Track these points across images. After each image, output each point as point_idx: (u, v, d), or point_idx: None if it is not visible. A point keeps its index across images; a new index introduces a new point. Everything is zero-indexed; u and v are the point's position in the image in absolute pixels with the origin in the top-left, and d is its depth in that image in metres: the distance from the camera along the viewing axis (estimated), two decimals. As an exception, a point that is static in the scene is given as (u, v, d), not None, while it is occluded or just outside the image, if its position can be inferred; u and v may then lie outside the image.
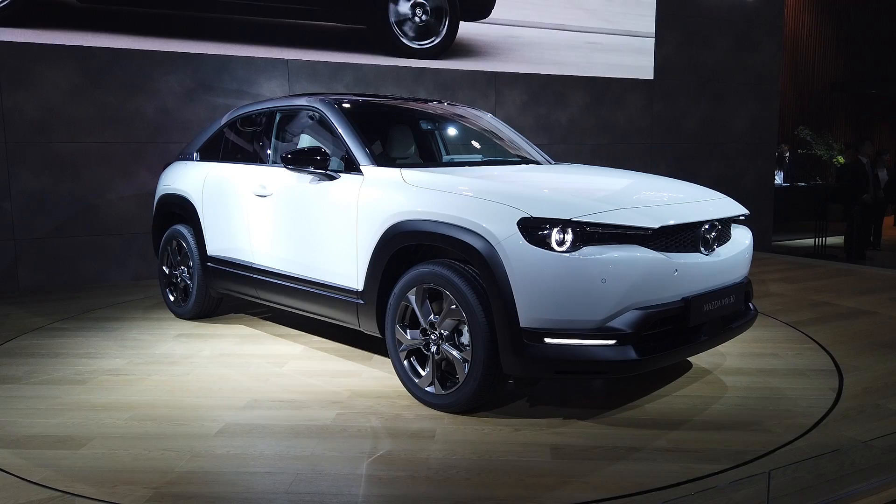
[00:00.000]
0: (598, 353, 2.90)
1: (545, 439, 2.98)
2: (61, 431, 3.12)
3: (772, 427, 3.08)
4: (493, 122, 4.96)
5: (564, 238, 2.90)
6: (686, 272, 3.07)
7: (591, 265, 2.86)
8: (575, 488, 2.54)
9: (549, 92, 8.64)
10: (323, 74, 7.34)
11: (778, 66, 10.39)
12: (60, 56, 6.28)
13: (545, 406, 3.38)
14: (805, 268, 7.32)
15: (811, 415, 3.22)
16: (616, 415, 3.25)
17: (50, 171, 6.35)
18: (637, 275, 2.90)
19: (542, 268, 2.88)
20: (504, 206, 3.02)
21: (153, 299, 5.83)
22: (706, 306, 3.14)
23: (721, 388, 3.62)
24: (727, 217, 3.45)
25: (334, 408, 3.36)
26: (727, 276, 3.32)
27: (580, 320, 2.88)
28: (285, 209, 4.15)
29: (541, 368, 2.99)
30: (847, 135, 16.48)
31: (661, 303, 2.98)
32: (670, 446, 2.90)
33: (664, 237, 3.06)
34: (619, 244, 2.94)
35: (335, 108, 4.11)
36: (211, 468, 2.74)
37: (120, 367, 4.08)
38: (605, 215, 2.97)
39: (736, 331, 3.49)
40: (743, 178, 10.20)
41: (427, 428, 3.10)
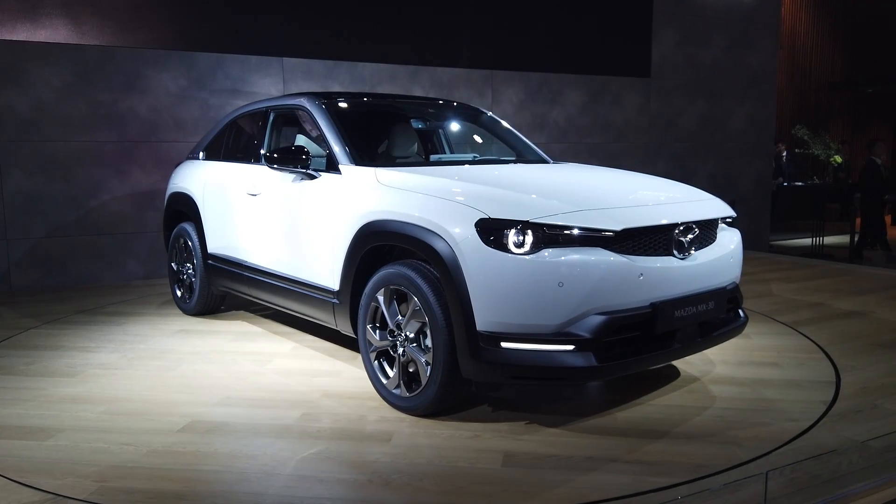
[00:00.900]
0: (556, 359, 2.80)
1: (501, 446, 2.91)
2: (34, 423, 3.22)
3: (744, 441, 2.92)
4: (490, 121, 4.91)
5: (523, 240, 2.82)
6: (654, 276, 2.94)
7: (548, 268, 2.78)
8: (512, 497, 2.48)
9: (546, 90, 8.62)
10: (318, 73, 7.30)
11: (775, 64, 10.38)
12: (53, 54, 6.23)
13: (514, 411, 3.29)
14: (802, 268, 7.31)
15: (789, 430, 3.03)
16: (584, 422, 3.16)
17: (42, 171, 6.31)
18: (596, 278, 2.80)
19: (498, 270, 2.81)
20: (463, 207, 2.97)
21: (165, 296, 5.89)
22: (678, 312, 3.00)
23: (704, 397, 3.48)
24: (707, 219, 3.28)
25: (302, 408, 3.36)
26: (705, 280, 3.17)
27: (537, 325, 2.80)
28: (272, 208, 4.19)
29: (497, 373, 2.90)
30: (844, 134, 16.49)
31: (626, 308, 2.87)
32: (629, 457, 2.79)
33: (630, 240, 2.95)
34: (582, 247, 2.85)
35: (320, 106, 4.11)
36: (162, 464, 2.78)
37: (112, 361, 4.17)
38: (565, 217, 2.88)
39: (718, 338, 3.35)
40: (740, 177, 10.19)
41: (386, 430, 3.08)
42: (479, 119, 4.94)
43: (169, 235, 5.45)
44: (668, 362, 3.66)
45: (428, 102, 5.09)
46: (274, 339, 4.59)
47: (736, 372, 3.84)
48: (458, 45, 8.05)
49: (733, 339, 4.22)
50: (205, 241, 4.94)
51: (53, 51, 6.24)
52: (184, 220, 5.25)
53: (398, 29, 7.70)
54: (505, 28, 8.31)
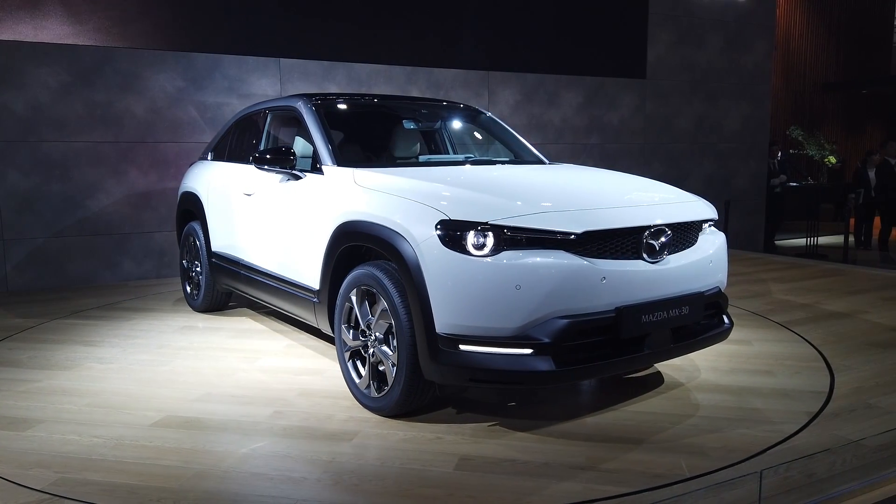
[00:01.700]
0: (514, 363, 2.77)
1: (460, 449, 2.88)
2: (18, 413, 3.33)
3: (711, 452, 2.83)
4: (487, 121, 4.90)
5: (484, 241, 2.79)
6: (619, 280, 2.88)
7: (505, 270, 2.74)
8: (456, 501, 2.47)
9: (542, 91, 8.64)
10: (315, 74, 7.31)
11: (770, 66, 10.43)
12: (49, 54, 6.23)
13: (482, 414, 3.26)
14: (797, 268, 7.34)
15: (760, 441, 2.92)
16: (552, 427, 3.10)
17: (39, 171, 6.30)
18: (556, 282, 2.75)
19: (456, 271, 2.79)
20: (426, 208, 2.96)
21: (179, 293, 5.98)
22: (646, 317, 2.92)
23: (683, 404, 3.38)
24: (682, 222, 3.19)
25: (275, 405, 3.40)
26: (679, 285, 3.08)
27: (495, 327, 2.77)
28: (263, 208, 4.27)
29: (456, 375, 2.87)
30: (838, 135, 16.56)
31: (588, 312, 2.81)
32: (587, 464, 2.73)
33: (594, 242, 2.89)
34: (544, 249, 2.81)
35: (309, 107, 4.14)
36: (124, 457, 2.84)
37: (111, 355, 4.27)
38: (524, 218, 2.83)
39: (696, 345, 3.26)
40: (735, 178, 10.23)
41: (350, 430, 3.09)
42: (476, 119, 4.95)
43: (180, 234, 5.59)
44: (636, 368, 3.60)
45: (425, 103, 5.07)
46: (271, 337, 4.65)
47: (724, 379, 3.74)
48: (454, 46, 8.07)
49: (732, 345, 4.24)
50: (209, 239, 5.04)
51: (50, 51, 6.23)
52: (192, 219, 5.36)
53: (395, 30, 7.71)
54: (501, 29, 8.34)
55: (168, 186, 6.80)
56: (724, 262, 3.42)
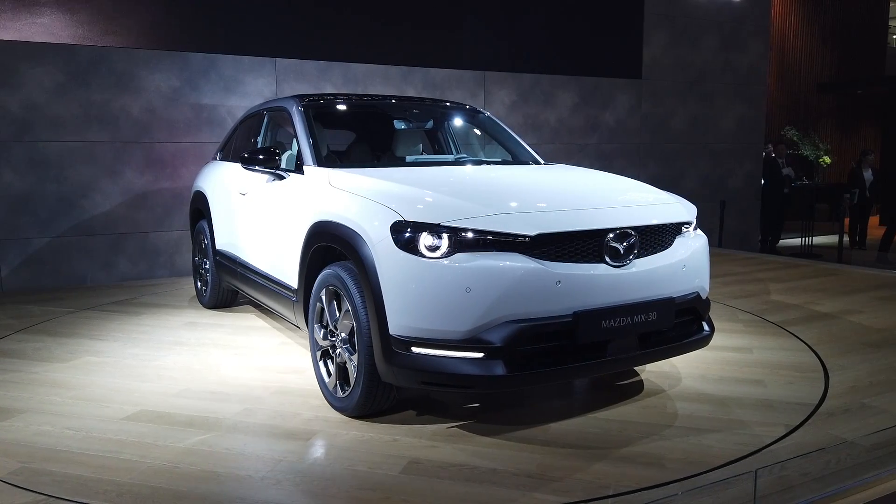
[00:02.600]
0: (464, 367, 2.73)
1: (412, 452, 2.85)
2: (4, 403, 3.43)
3: (669, 463, 2.75)
4: (484, 121, 4.87)
5: (437, 243, 2.77)
6: (576, 284, 2.81)
7: (455, 273, 2.71)
8: (393, 502, 2.46)
9: (538, 91, 8.65)
10: (311, 74, 7.31)
11: (765, 66, 10.46)
12: (45, 54, 6.21)
13: (447, 417, 3.22)
14: (792, 267, 7.37)
15: (728, 454, 2.81)
16: (514, 432, 3.05)
17: (34, 171, 6.28)
18: (506, 285, 2.71)
19: (408, 274, 2.78)
20: (384, 209, 2.95)
21: (191, 290, 6.07)
22: (606, 323, 2.85)
23: (658, 413, 3.27)
24: (651, 224, 3.10)
25: (247, 402, 3.43)
26: (646, 290, 2.98)
27: (445, 330, 2.73)
28: (254, 207, 4.34)
29: (408, 378, 2.86)
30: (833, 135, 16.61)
31: (543, 316, 2.76)
32: (535, 472, 2.68)
33: (550, 245, 2.83)
34: (498, 251, 2.77)
35: (297, 107, 4.17)
36: (87, 449, 2.91)
37: (110, 349, 4.38)
38: (478, 220, 2.80)
39: (667, 352, 3.19)
40: (731, 178, 10.26)
41: (310, 430, 3.09)
42: (472, 119, 4.94)
43: (193, 232, 5.71)
44: (597, 375, 3.54)
45: (420, 103, 5.06)
46: (268, 334, 4.69)
47: (709, 387, 3.62)
48: (450, 46, 8.08)
49: (730, 352, 4.17)
50: (214, 237, 5.14)
51: (45, 51, 6.21)
52: (202, 217, 5.47)
53: (391, 30, 7.71)
54: (497, 29, 8.34)
55: (164, 186, 6.79)
56: (704, 267, 3.31)
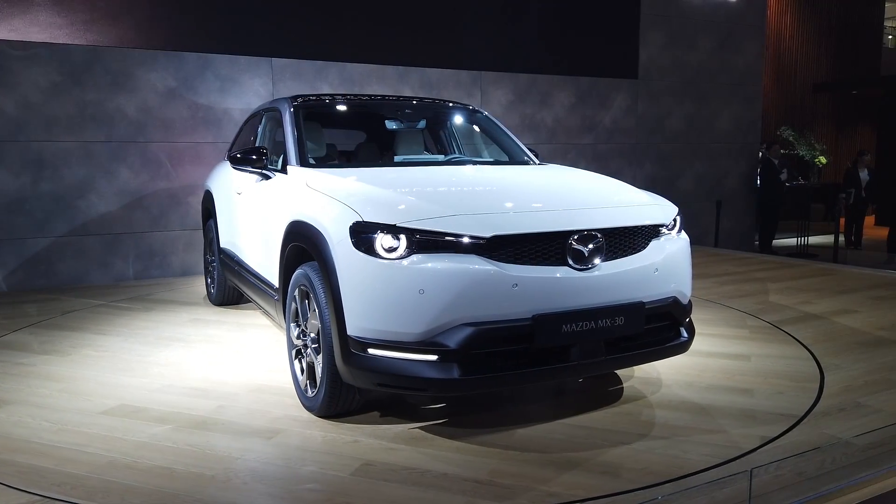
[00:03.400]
0: (417, 369, 2.71)
1: (368, 454, 2.83)
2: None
3: (627, 473, 2.66)
4: (480, 120, 4.82)
5: (394, 244, 2.75)
6: (535, 287, 2.75)
7: (409, 274, 2.69)
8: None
9: (535, 91, 8.66)
10: (307, 74, 7.30)
11: (760, 66, 10.48)
12: (40, 53, 6.19)
13: (415, 419, 3.19)
14: (788, 267, 7.38)
15: (689, 465, 2.70)
16: (478, 436, 3.00)
17: (29, 171, 6.26)
18: (460, 287, 2.67)
19: (365, 274, 2.77)
20: (346, 209, 2.94)
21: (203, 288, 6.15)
22: (567, 327, 2.78)
23: (632, 421, 3.16)
24: (621, 227, 3.02)
25: (224, 399, 3.46)
26: (612, 294, 2.90)
27: (400, 332, 2.71)
28: (246, 206, 4.42)
29: (365, 379, 2.84)
30: (829, 135, 16.65)
31: (500, 319, 2.71)
32: (485, 478, 2.63)
33: (508, 247, 2.79)
34: (456, 253, 2.74)
35: (289, 108, 4.19)
36: (57, 442, 2.96)
37: (110, 344, 4.47)
38: (433, 221, 2.78)
39: (636, 358, 3.12)
40: (727, 178, 10.28)
41: (276, 429, 3.10)
42: (467, 118, 4.92)
43: (204, 230, 5.82)
44: (560, 380, 3.47)
45: (416, 102, 5.00)
46: (266, 332, 4.73)
47: (694, 395, 3.49)
48: (447, 46, 8.07)
49: (726, 359, 4.04)
50: (218, 235, 5.23)
51: (40, 50, 6.19)
52: (211, 216, 5.54)
53: (387, 29, 7.71)
54: (494, 29, 8.35)
55: (159, 186, 6.78)
56: (682, 271, 3.21)
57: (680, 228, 3.36)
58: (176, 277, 6.83)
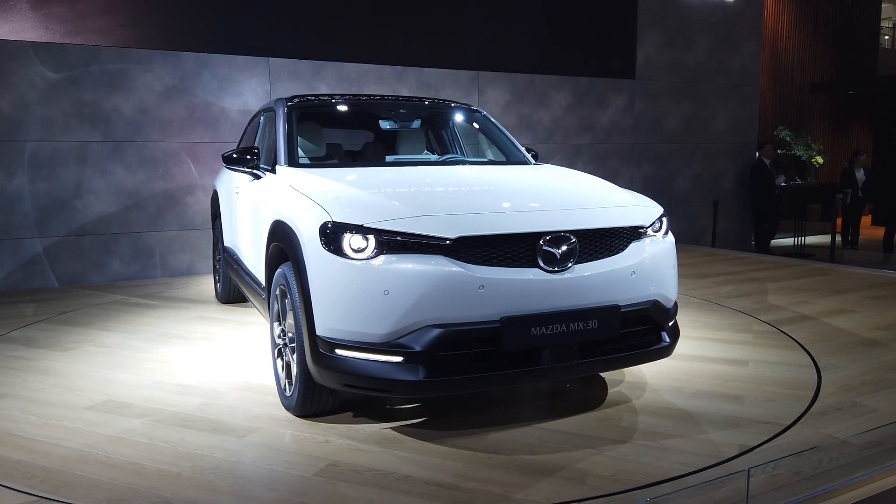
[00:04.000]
0: (383, 370, 2.70)
1: (337, 455, 2.82)
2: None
3: (592, 480, 2.62)
4: (476, 120, 4.78)
5: (362, 244, 2.74)
6: (503, 289, 2.72)
7: (374, 275, 2.69)
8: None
9: (532, 91, 8.66)
10: (305, 73, 7.29)
11: (758, 66, 10.50)
12: (36, 53, 6.18)
13: (394, 420, 3.18)
14: (784, 267, 7.39)
15: (658, 473, 2.62)
16: (450, 438, 2.97)
17: (24, 171, 6.25)
18: (425, 288, 2.65)
19: (332, 274, 2.77)
20: (319, 209, 2.93)
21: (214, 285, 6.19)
22: (536, 330, 2.74)
23: (607, 426, 3.09)
24: (596, 228, 2.96)
25: (208, 397, 3.49)
26: (585, 297, 2.85)
27: (365, 333, 2.71)
28: (241, 205, 4.47)
29: (333, 380, 2.84)
30: (825, 135, 16.68)
31: (467, 321, 2.69)
32: (448, 482, 2.60)
33: (474, 248, 2.75)
34: (423, 254, 2.72)
35: (283, 108, 4.21)
36: (38, 436, 3.01)
37: (112, 340, 4.54)
38: (399, 222, 2.76)
39: (611, 363, 3.07)
40: (724, 178, 10.29)
41: (251, 427, 3.12)
42: (464, 117, 4.90)
43: (214, 229, 5.88)
44: (530, 383, 3.41)
45: (412, 102, 4.97)
46: (266, 330, 4.73)
47: (680, 401, 3.40)
48: (444, 46, 8.07)
49: (721, 364, 3.93)
50: (222, 234, 5.32)
51: (37, 50, 6.18)
52: (216, 215, 5.61)
53: (385, 29, 7.70)
54: (491, 29, 8.35)
55: (156, 186, 6.76)
56: (665, 273, 3.14)
57: (667, 230, 3.30)
58: (173, 277, 6.81)
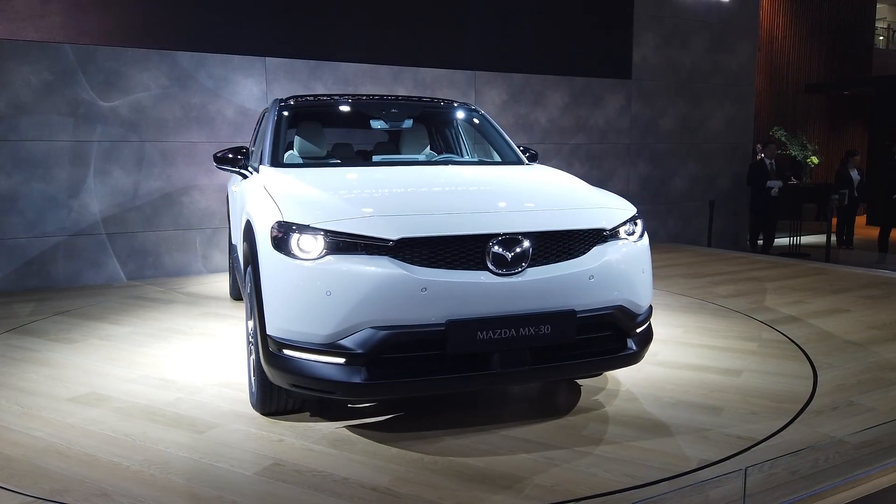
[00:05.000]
0: (325, 372, 2.69)
1: (284, 454, 2.81)
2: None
3: (531, 489, 2.53)
4: (473, 119, 4.73)
5: (310, 245, 2.72)
6: (446, 292, 2.67)
7: (318, 275, 2.68)
8: (223, 502, 2.46)
9: (529, 92, 8.66)
10: (301, 73, 7.28)
11: (753, 67, 10.53)
12: (31, 52, 6.16)
13: (356, 417, 3.18)
14: (780, 267, 7.41)
15: (602, 486, 2.53)
16: (402, 441, 2.93)
17: (21, 170, 6.23)
18: (366, 290, 2.63)
19: (280, 274, 2.77)
20: (275, 209, 2.93)
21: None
22: (483, 334, 2.68)
23: (569, 434, 2.99)
24: (552, 231, 2.88)
25: (185, 392, 3.53)
26: (537, 301, 2.77)
27: (309, 333, 2.70)
28: (233, 205, 4.55)
29: (282, 379, 2.84)
30: (821, 135, 16.72)
31: (411, 324, 2.65)
32: (385, 486, 2.57)
33: (418, 249, 2.71)
34: (368, 255, 2.69)
35: (274, 108, 4.23)
36: (13, 425, 3.08)
37: (118, 333, 4.65)
38: (345, 223, 2.74)
39: (567, 369, 2.96)
40: (720, 178, 10.31)
41: (213, 423, 3.14)
42: (457, 116, 4.88)
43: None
44: (478, 388, 3.30)
45: (406, 102, 4.93)
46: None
47: (655, 411, 3.25)
48: (441, 46, 8.07)
49: (712, 374, 3.76)
50: (231, 232, 5.30)
51: (32, 49, 6.16)
52: (228, 214, 5.65)
53: (382, 29, 7.70)
54: (488, 29, 8.35)
55: (152, 186, 6.75)
56: (631, 278, 3.02)
57: (642, 233, 3.20)
58: (170, 278, 6.80)
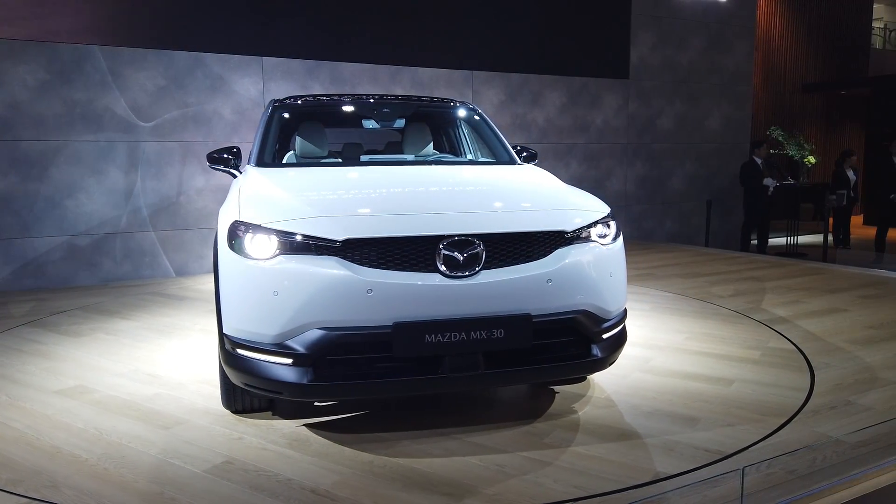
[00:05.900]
0: (273, 372, 2.70)
1: (238, 452, 2.82)
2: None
3: (472, 499, 2.49)
4: (467, 117, 4.72)
5: (263, 244, 2.74)
6: (394, 294, 2.65)
7: (265, 275, 2.70)
8: (159, 501, 2.46)
9: (526, 91, 8.66)
10: (298, 73, 7.27)
11: (750, 66, 10.54)
12: (27, 52, 6.14)
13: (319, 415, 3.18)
14: (777, 266, 7.42)
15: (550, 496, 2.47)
16: (359, 443, 2.91)
17: (16, 170, 6.21)
18: (312, 290, 2.63)
19: (233, 273, 2.81)
20: (236, 208, 2.96)
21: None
22: (431, 337, 2.65)
23: (531, 442, 2.92)
24: (508, 233, 2.82)
25: (165, 388, 3.57)
26: (489, 304, 2.72)
27: (257, 333, 2.72)
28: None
29: (237, 378, 2.85)
30: (817, 135, 16.75)
31: (357, 325, 2.64)
32: (325, 487, 2.55)
33: (365, 250, 2.70)
34: (317, 255, 2.69)
35: (267, 108, 4.23)
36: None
37: (123, 328, 4.73)
38: (294, 223, 2.75)
39: (523, 375, 2.92)
40: (717, 178, 10.32)
41: (181, 419, 3.18)
42: (453, 115, 4.87)
43: None
44: (427, 392, 3.20)
45: (402, 101, 4.91)
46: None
47: (630, 419, 3.16)
48: (438, 46, 8.07)
49: (702, 383, 3.60)
50: None
51: (28, 48, 6.14)
52: None
53: (379, 29, 7.69)
54: (485, 29, 8.35)
55: (149, 186, 6.73)
56: (596, 281, 2.93)
57: (616, 235, 3.12)
58: (167, 278, 6.78)
